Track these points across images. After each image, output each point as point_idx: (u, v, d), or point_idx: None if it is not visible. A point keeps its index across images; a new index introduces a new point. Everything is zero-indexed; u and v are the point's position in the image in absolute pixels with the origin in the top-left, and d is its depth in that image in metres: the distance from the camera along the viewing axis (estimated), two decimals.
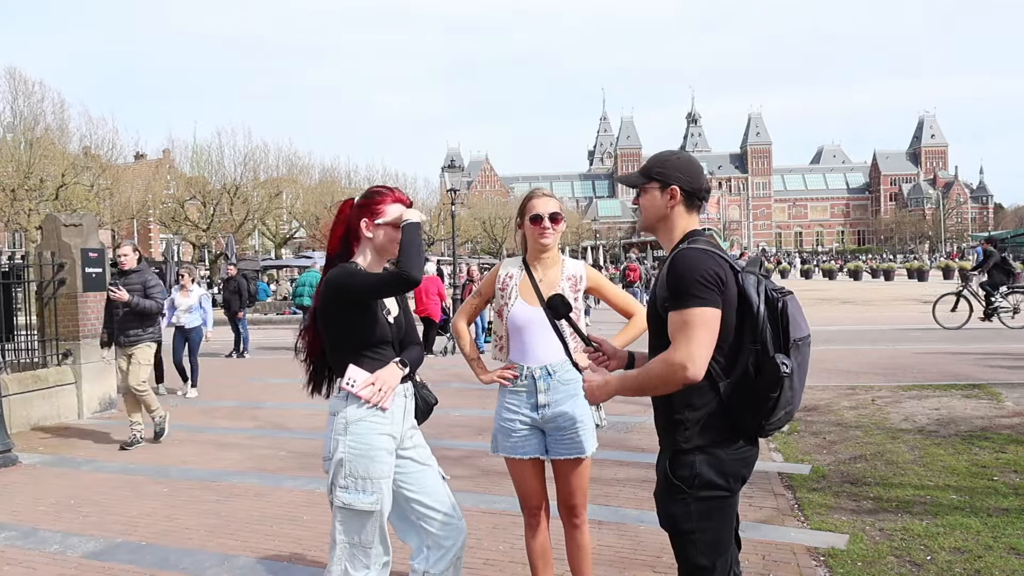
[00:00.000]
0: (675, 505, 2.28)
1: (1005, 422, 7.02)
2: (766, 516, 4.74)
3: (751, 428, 2.25)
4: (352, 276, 2.69)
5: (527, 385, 3.15)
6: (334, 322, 2.74)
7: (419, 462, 2.87)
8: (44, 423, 8.35)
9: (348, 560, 2.71)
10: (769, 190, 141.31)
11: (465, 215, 60.11)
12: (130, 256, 7.55)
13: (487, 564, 4.09)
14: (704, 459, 2.23)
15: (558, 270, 3.22)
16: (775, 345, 2.18)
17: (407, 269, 2.57)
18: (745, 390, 2.19)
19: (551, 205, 3.18)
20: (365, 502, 2.66)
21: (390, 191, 2.84)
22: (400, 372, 2.78)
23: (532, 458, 3.17)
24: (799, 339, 2.19)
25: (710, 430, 2.23)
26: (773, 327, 2.19)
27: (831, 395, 8.62)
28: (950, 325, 15.12)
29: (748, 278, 2.22)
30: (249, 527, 4.84)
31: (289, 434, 7.67)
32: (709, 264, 2.18)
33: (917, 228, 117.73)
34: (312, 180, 49.80)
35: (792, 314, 2.20)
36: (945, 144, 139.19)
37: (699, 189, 2.37)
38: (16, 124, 31.94)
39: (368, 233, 2.78)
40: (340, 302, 2.71)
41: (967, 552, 4.04)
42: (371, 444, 2.69)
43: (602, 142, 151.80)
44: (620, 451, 6.44)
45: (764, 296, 2.21)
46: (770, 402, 2.17)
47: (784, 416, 2.22)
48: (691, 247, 2.25)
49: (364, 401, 2.70)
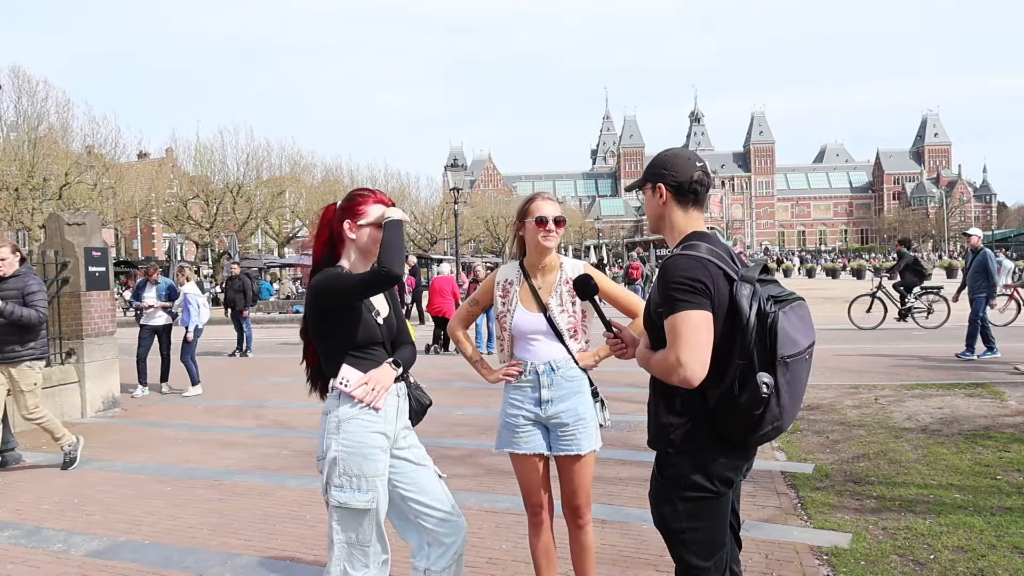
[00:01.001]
0: (664, 505, 2.30)
1: (1008, 421, 7.00)
2: (769, 515, 4.74)
3: (736, 439, 2.22)
4: (335, 279, 2.70)
5: (531, 381, 3.16)
6: (323, 327, 2.75)
7: (414, 462, 2.87)
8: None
9: (347, 559, 2.71)
10: (772, 189, 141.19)
11: (468, 214, 60.05)
12: (8, 260, 6.34)
13: (490, 563, 4.09)
14: (689, 461, 2.23)
15: (556, 274, 3.22)
16: (761, 362, 2.10)
17: (388, 265, 2.58)
18: (730, 402, 2.15)
19: (555, 208, 3.19)
20: (360, 500, 2.66)
21: (371, 192, 2.85)
22: (393, 372, 2.79)
23: (536, 454, 3.18)
24: (788, 356, 2.10)
25: (696, 435, 2.22)
26: (760, 342, 2.10)
27: (834, 394, 8.61)
28: (865, 325, 15.47)
29: (743, 288, 2.16)
30: (252, 526, 4.85)
31: (292, 433, 7.68)
32: (696, 271, 2.15)
33: (920, 227, 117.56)
34: (315, 179, 49.82)
35: (783, 329, 2.10)
36: (948, 143, 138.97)
37: (686, 182, 2.30)
38: (20, 123, 31.97)
39: (351, 235, 2.79)
40: (326, 306, 2.72)
41: (970, 551, 4.03)
42: (364, 442, 2.69)
43: (605, 141, 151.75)
44: (623, 450, 6.44)
45: (756, 308, 2.13)
46: (752, 419, 2.13)
47: (772, 431, 2.18)
48: (682, 253, 2.22)
49: (357, 401, 2.70)
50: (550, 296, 3.18)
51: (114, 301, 10.43)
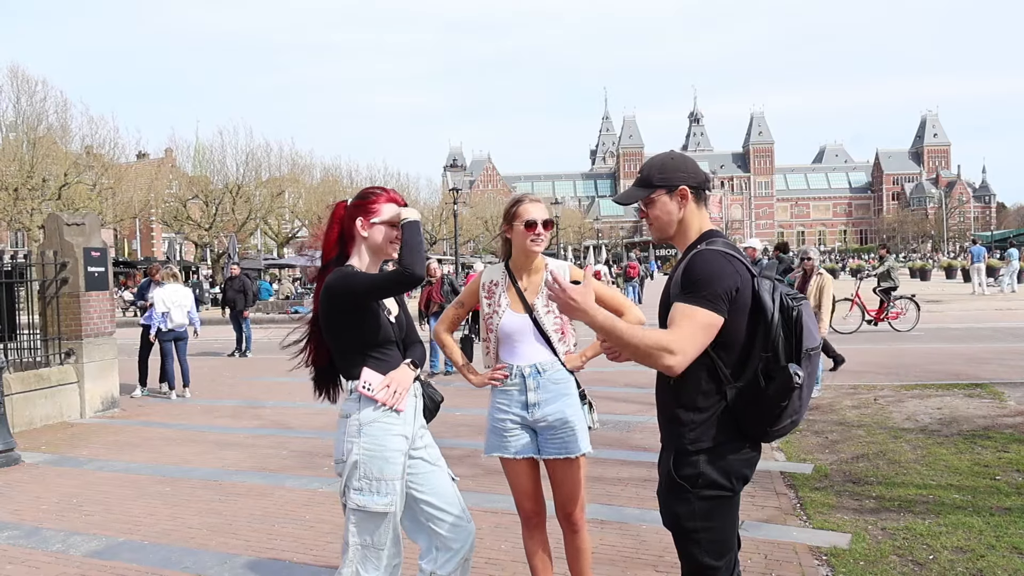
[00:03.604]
0: (679, 504, 2.27)
1: (1008, 421, 7.01)
2: (768, 515, 4.74)
3: (756, 434, 2.25)
4: (353, 278, 2.68)
5: (517, 384, 3.13)
6: (338, 327, 2.72)
7: (429, 462, 2.86)
8: (47, 422, 8.36)
9: (360, 562, 2.69)
10: (771, 189, 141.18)
11: (467, 214, 59.99)
12: None
13: (489, 563, 4.09)
14: (708, 459, 2.22)
15: (542, 275, 3.20)
16: (787, 354, 2.15)
17: (410, 266, 2.57)
18: (753, 396, 2.18)
19: (543, 211, 3.16)
20: (379, 504, 2.65)
21: (384, 191, 2.84)
22: (412, 373, 2.78)
23: (525, 458, 3.15)
24: (811, 348, 2.17)
25: (715, 432, 2.22)
26: (787, 336, 2.16)
27: (833, 394, 8.61)
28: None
29: (763, 283, 2.20)
30: (251, 526, 4.85)
31: (291, 433, 7.68)
32: (728, 271, 2.17)
33: (920, 227, 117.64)
34: (314, 179, 49.74)
35: (806, 323, 2.17)
36: (948, 143, 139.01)
37: (703, 181, 2.38)
38: (19, 123, 31.93)
39: (364, 233, 2.77)
40: (343, 306, 2.69)
41: (969, 551, 4.03)
42: (385, 445, 2.68)
43: (604, 141, 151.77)
44: (622, 450, 6.44)
45: (779, 303, 2.18)
46: (777, 410, 2.17)
47: (790, 424, 2.22)
48: (711, 248, 2.23)
49: (380, 404, 2.69)
50: (536, 297, 3.16)
51: (113, 301, 10.42)
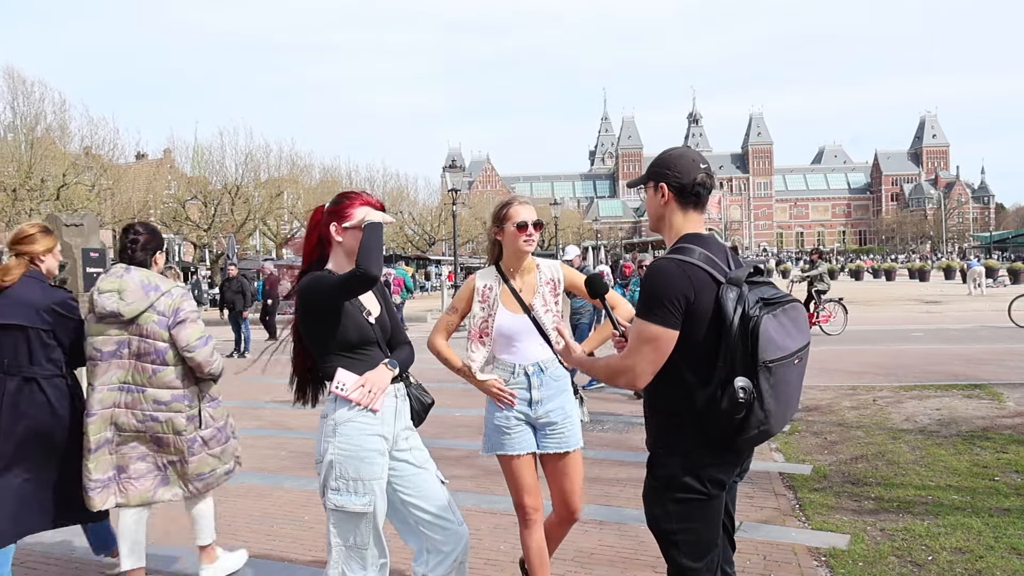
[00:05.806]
0: (656, 506, 2.30)
1: (1006, 422, 7.01)
2: (767, 516, 4.74)
3: (722, 442, 2.21)
4: (318, 281, 2.71)
5: (522, 382, 3.18)
6: (313, 330, 2.75)
7: (415, 465, 2.85)
8: None
9: (344, 562, 2.70)
10: (770, 190, 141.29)
11: (466, 215, 60.02)
12: None
13: (488, 564, 4.09)
14: (680, 462, 2.23)
15: (534, 275, 3.25)
16: (741, 366, 2.09)
17: (364, 266, 2.58)
18: (715, 406, 2.14)
19: (532, 212, 3.22)
20: (357, 504, 2.65)
21: (358, 195, 2.85)
22: (390, 373, 2.78)
23: (529, 453, 3.20)
24: (771, 360, 2.08)
25: (687, 437, 2.22)
26: (742, 347, 2.08)
27: (832, 395, 8.61)
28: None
29: (729, 292, 2.13)
30: (249, 527, 4.84)
31: (289, 434, 7.68)
32: (677, 281, 2.14)
33: (918, 228, 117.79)
34: (313, 180, 49.72)
35: (765, 333, 2.07)
36: (946, 144, 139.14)
37: (690, 183, 2.27)
38: (17, 124, 31.90)
39: (339, 238, 2.80)
40: (313, 308, 2.72)
41: (968, 552, 4.03)
42: (361, 445, 2.68)
43: (603, 142, 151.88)
44: (621, 451, 6.44)
45: (740, 312, 2.11)
46: (735, 422, 2.12)
47: (758, 435, 2.16)
48: (666, 257, 2.22)
49: (354, 404, 2.70)
50: (533, 297, 3.21)
51: None
